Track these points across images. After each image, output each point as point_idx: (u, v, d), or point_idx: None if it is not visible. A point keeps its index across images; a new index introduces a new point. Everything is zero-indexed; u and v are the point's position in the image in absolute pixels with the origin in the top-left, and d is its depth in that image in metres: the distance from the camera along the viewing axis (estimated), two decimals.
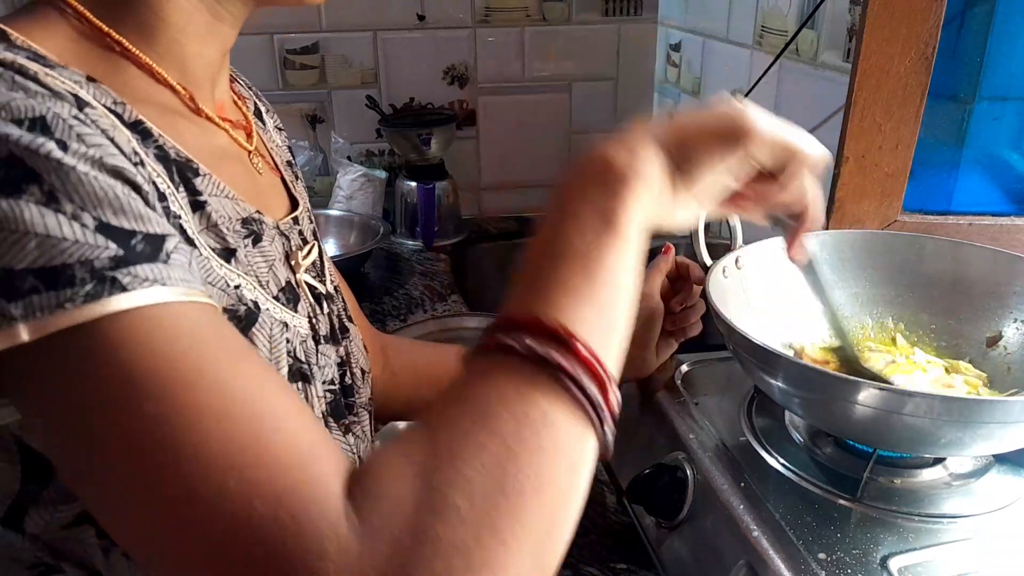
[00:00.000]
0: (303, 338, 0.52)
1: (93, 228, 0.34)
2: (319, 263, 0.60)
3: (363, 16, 1.58)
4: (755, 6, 1.24)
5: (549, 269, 0.41)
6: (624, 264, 0.42)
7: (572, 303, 0.39)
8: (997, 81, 0.98)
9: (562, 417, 0.36)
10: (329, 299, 0.60)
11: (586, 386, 0.37)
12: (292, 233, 0.57)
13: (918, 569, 0.52)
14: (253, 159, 0.57)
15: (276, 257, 0.52)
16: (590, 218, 0.42)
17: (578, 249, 0.41)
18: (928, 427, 0.54)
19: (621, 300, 0.42)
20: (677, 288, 0.79)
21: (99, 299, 0.33)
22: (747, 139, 0.45)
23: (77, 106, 0.38)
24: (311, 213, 0.65)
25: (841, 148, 0.97)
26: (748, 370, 0.65)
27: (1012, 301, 0.72)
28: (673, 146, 0.45)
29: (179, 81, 0.49)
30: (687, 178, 0.45)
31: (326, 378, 0.55)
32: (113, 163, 0.36)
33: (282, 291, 0.51)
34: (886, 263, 0.77)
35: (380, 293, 1.37)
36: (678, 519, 0.63)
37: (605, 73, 1.71)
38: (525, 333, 0.37)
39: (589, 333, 0.38)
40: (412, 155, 1.57)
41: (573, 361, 0.37)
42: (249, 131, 0.58)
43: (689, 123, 0.46)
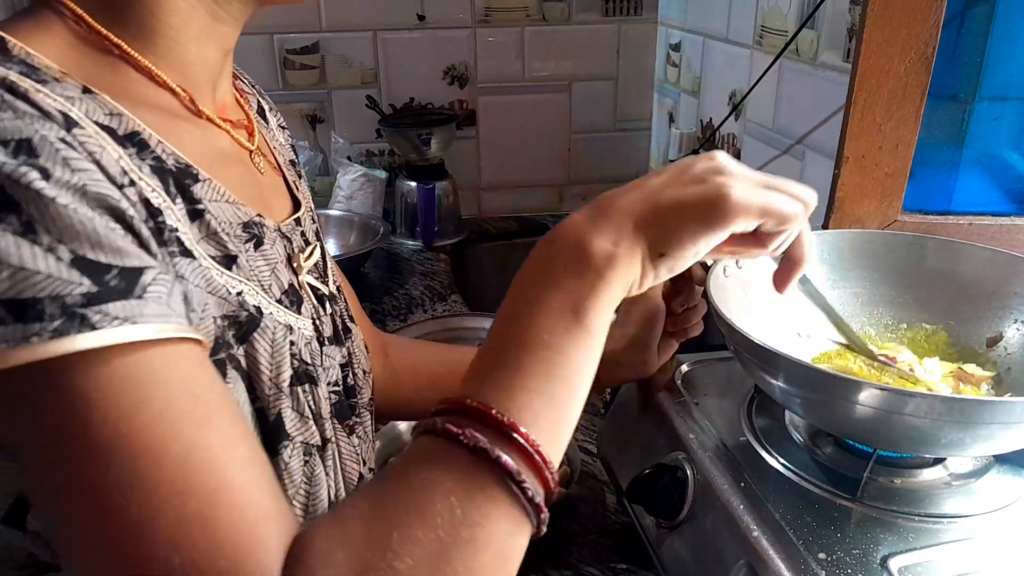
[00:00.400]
0: (307, 340, 0.52)
1: (68, 262, 0.34)
2: (321, 264, 0.60)
3: (363, 16, 1.58)
4: (755, 6, 1.24)
5: (511, 357, 0.41)
6: (587, 359, 0.42)
7: (528, 397, 0.40)
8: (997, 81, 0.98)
9: (499, 515, 0.37)
10: (332, 300, 0.59)
11: (527, 486, 0.38)
12: (294, 235, 0.56)
13: (918, 569, 0.52)
14: (255, 159, 0.56)
15: (278, 260, 0.52)
16: (561, 311, 0.42)
17: (544, 341, 0.41)
18: (928, 427, 0.54)
19: (578, 395, 0.42)
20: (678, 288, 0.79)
21: (66, 336, 0.33)
22: (729, 217, 0.44)
23: (66, 127, 0.37)
24: (314, 213, 0.64)
25: (841, 148, 0.97)
26: (749, 370, 0.65)
27: (1012, 301, 0.72)
28: (653, 229, 0.44)
29: (179, 83, 0.49)
30: (669, 263, 0.45)
31: (330, 379, 0.55)
32: (96, 191, 0.36)
33: (285, 294, 0.51)
34: (886, 263, 0.77)
35: (380, 293, 1.37)
36: (678, 519, 0.63)
37: (605, 73, 1.71)
38: (475, 423, 0.38)
39: (539, 428, 0.39)
40: (412, 155, 1.57)
41: (518, 458, 0.38)
42: (251, 130, 0.58)
43: (667, 201, 0.45)
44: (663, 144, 1.69)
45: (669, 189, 0.45)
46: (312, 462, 0.50)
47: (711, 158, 0.47)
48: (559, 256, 0.44)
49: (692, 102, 1.54)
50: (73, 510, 0.35)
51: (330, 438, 0.53)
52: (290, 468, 0.48)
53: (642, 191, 0.45)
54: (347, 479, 0.57)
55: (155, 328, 0.36)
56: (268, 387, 0.47)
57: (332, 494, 0.53)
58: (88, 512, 0.35)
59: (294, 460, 0.48)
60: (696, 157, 0.47)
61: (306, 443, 0.49)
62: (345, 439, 0.57)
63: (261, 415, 0.47)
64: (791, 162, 1.16)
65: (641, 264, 0.44)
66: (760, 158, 1.26)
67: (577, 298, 0.42)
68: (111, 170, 0.38)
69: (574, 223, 0.45)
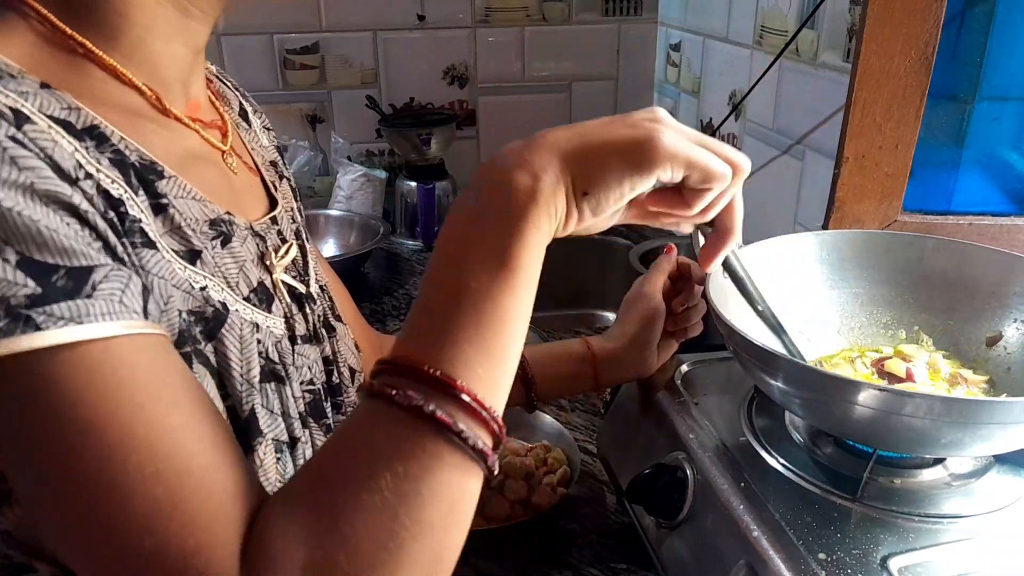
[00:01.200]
0: (277, 338, 0.52)
1: (14, 264, 0.34)
2: (301, 263, 0.60)
3: (363, 16, 1.58)
4: (755, 6, 1.24)
5: (440, 309, 0.41)
6: (517, 302, 0.42)
7: (459, 347, 0.40)
8: (997, 81, 0.98)
9: (442, 466, 0.38)
10: (310, 299, 0.59)
11: (467, 435, 0.38)
12: (269, 233, 0.56)
13: (918, 569, 0.52)
14: (227, 159, 0.56)
15: (247, 258, 0.52)
16: (486, 256, 0.42)
17: (471, 289, 0.41)
18: (928, 428, 0.54)
19: (513, 339, 0.42)
20: (678, 288, 0.79)
21: (10, 336, 0.34)
22: (655, 162, 0.44)
23: (16, 124, 0.37)
24: (296, 213, 0.64)
25: (841, 148, 0.97)
26: (748, 370, 0.65)
27: (1012, 301, 0.72)
28: (579, 168, 0.44)
29: (146, 82, 0.48)
30: (592, 203, 0.45)
31: (304, 378, 0.55)
32: (45, 188, 0.36)
33: (253, 292, 0.51)
34: (886, 263, 0.77)
35: (380, 293, 1.37)
36: (678, 519, 0.63)
37: (605, 73, 1.71)
38: (409, 380, 0.39)
39: (476, 377, 0.39)
40: (412, 155, 1.57)
41: (455, 409, 0.38)
42: (224, 131, 0.57)
43: (596, 139, 0.44)
44: None
45: (601, 130, 0.45)
46: (284, 459, 0.50)
47: (651, 111, 0.46)
48: (482, 195, 0.43)
49: (692, 102, 1.54)
50: (47, 502, 0.36)
51: (300, 437, 0.53)
52: (264, 465, 0.48)
53: (574, 130, 0.45)
54: None
55: (102, 327, 0.36)
56: (240, 383, 0.47)
57: None
58: (60, 503, 0.36)
59: (268, 457, 0.49)
60: (637, 110, 0.47)
61: (277, 440, 0.50)
62: (322, 437, 0.56)
63: (233, 412, 0.47)
64: (791, 162, 1.16)
65: (565, 201, 0.44)
66: (760, 158, 1.26)
67: (501, 239, 0.42)
68: (64, 164, 0.38)
69: (501, 156, 0.44)
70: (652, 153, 0.44)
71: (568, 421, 0.98)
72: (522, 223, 0.42)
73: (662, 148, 0.44)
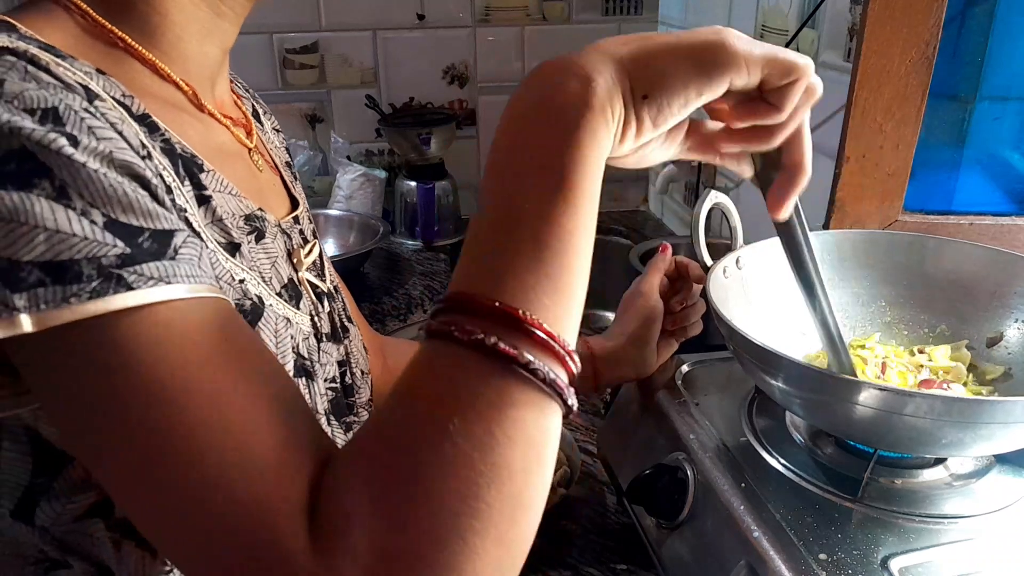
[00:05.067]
0: (305, 335, 0.53)
1: (102, 225, 0.35)
2: (319, 262, 0.60)
3: (363, 15, 1.58)
4: (755, 5, 1.24)
5: (494, 237, 0.37)
6: (579, 223, 0.38)
7: (520, 276, 0.36)
8: (998, 81, 0.98)
9: (514, 402, 0.35)
10: (330, 298, 0.60)
11: (539, 368, 0.35)
12: (293, 232, 0.57)
13: (919, 570, 0.52)
14: (254, 156, 0.57)
15: (278, 254, 0.52)
16: (539, 172, 0.38)
17: (527, 211, 0.37)
18: (929, 427, 0.53)
19: (579, 263, 0.38)
20: (677, 287, 0.78)
21: (104, 296, 0.34)
22: (728, 63, 0.40)
23: (87, 98, 0.38)
24: (310, 213, 0.65)
25: (842, 148, 0.97)
26: (749, 370, 0.65)
27: (1013, 301, 0.72)
28: (638, 71, 0.40)
29: (182, 78, 0.49)
30: (653, 111, 0.40)
31: (327, 376, 0.56)
32: (123, 158, 0.37)
33: (284, 288, 0.52)
34: (887, 263, 0.77)
35: (380, 293, 1.37)
36: (678, 520, 0.63)
37: None
38: (468, 315, 0.35)
39: (540, 306, 0.36)
40: (412, 155, 1.57)
41: (525, 344, 0.35)
42: (249, 129, 0.58)
43: (658, 44, 0.40)
44: None
45: (661, 37, 0.41)
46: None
47: (714, 28, 0.42)
48: (532, 105, 0.39)
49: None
50: (120, 463, 0.36)
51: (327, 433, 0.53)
52: None
53: (631, 37, 0.41)
54: None
55: (188, 288, 0.36)
56: None
57: None
58: (134, 461, 0.35)
59: None
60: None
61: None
62: (342, 436, 0.57)
63: None
64: None
65: (623, 106, 0.40)
66: None
67: (554, 153, 0.38)
68: (132, 142, 0.39)
69: (551, 66, 0.40)
70: (724, 55, 0.40)
71: (568, 421, 0.98)
72: (577, 132, 0.38)
73: (735, 49, 0.40)
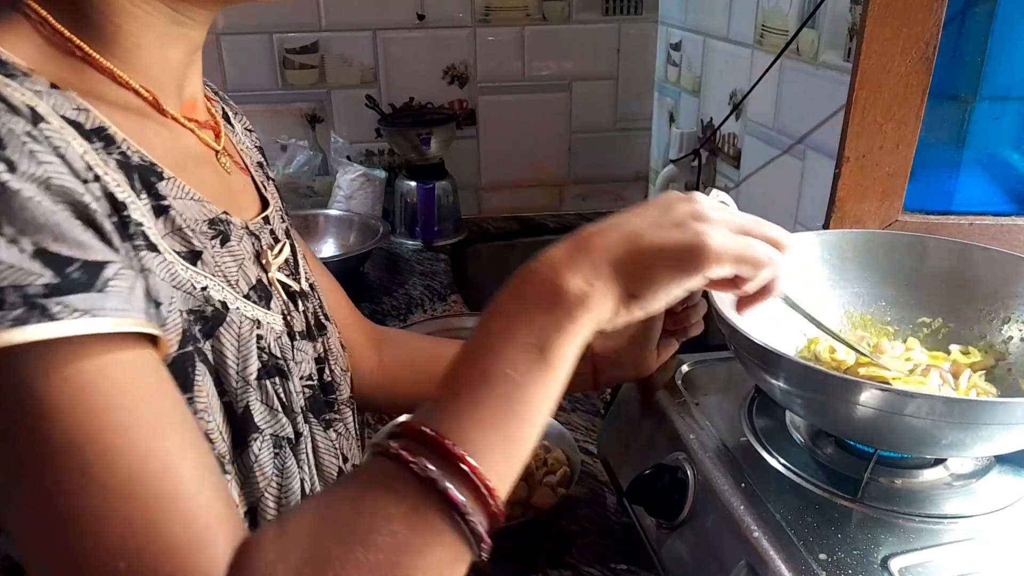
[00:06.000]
0: (278, 334, 0.53)
1: (31, 253, 0.34)
2: (292, 261, 0.61)
3: (363, 16, 1.58)
4: (755, 5, 1.24)
5: (472, 388, 0.42)
6: (547, 396, 0.43)
7: (483, 431, 0.40)
8: (998, 81, 0.98)
9: (442, 543, 0.38)
10: (304, 296, 0.60)
11: (472, 519, 0.38)
12: (263, 232, 0.57)
13: (919, 570, 0.52)
14: (221, 159, 0.57)
15: (245, 256, 0.53)
16: (527, 346, 0.42)
17: (506, 376, 0.42)
18: (929, 428, 0.53)
19: (534, 431, 0.43)
20: None
21: (26, 325, 0.34)
22: (705, 265, 0.45)
23: (32, 120, 0.38)
24: (284, 212, 0.66)
25: (841, 148, 0.97)
26: (749, 370, 0.65)
27: (1013, 302, 0.72)
28: (629, 272, 0.45)
29: (142, 84, 0.49)
30: (639, 307, 0.46)
31: (303, 373, 0.56)
32: (61, 183, 0.37)
33: (253, 289, 0.52)
34: (887, 263, 0.77)
35: (380, 293, 1.37)
36: (678, 520, 0.63)
37: (605, 72, 1.71)
38: (428, 451, 0.39)
39: (492, 463, 0.40)
40: (412, 155, 1.57)
41: (466, 491, 0.38)
42: (218, 131, 0.58)
43: (646, 244, 0.45)
44: (663, 144, 1.69)
45: (649, 233, 0.46)
46: (283, 454, 0.51)
47: (692, 201, 0.48)
48: (532, 290, 0.44)
49: (692, 102, 1.53)
50: (24, 505, 0.36)
51: (303, 432, 0.53)
52: (260, 460, 0.49)
53: (622, 232, 0.46)
54: (324, 472, 0.57)
55: (114, 322, 0.36)
56: (235, 380, 0.48)
57: (307, 487, 0.54)
58: (38, 510, 0.35)
59: (264, 452, 0.49)
60: (677, 197, 0.48)
61: (276, 435, 0.50)
62: (321, 433, 0.57)
63: (229, 408, 0.48)
64: (791, 162, 1.16)
65: (614, 304, 0.45)
66: (760, 158, 1.26)
67: (545, 334, 0.43)
68: (75, 165, 0.39)
69: (551, 258, 0.45)
70: (702, 257, 0.45)
71: (568, 421, 0.98)
72: (570, 324, 0.43)
73: (711, 251, 0.45)
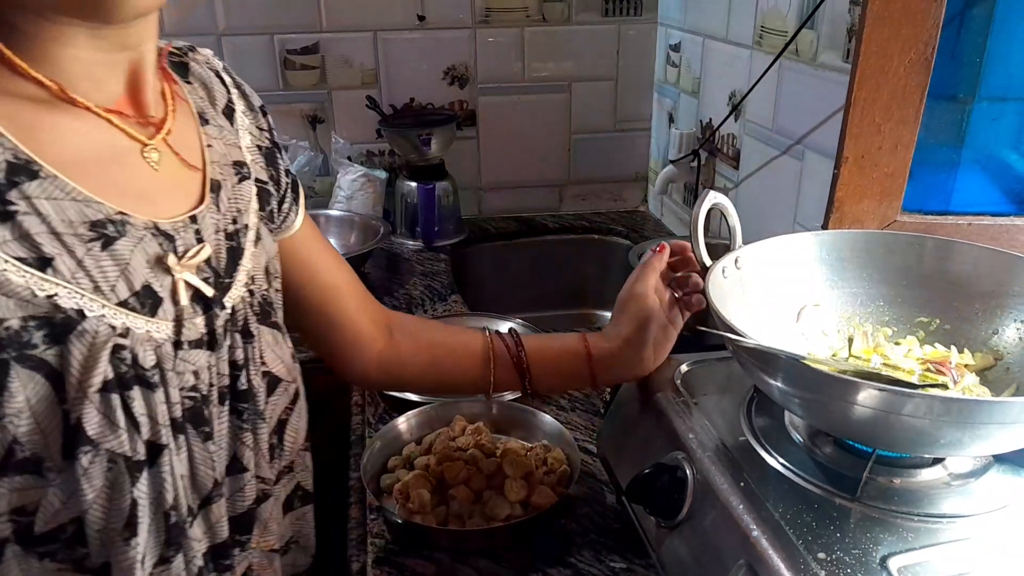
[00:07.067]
0: (158, 343, 0.52)
1: None
2: (223, 265, 0.59)
3: (363, 16, 1.59)
4: (755, 6, 1.24)
5: None
6: None
7: None
8: (996, 81, 0.99)
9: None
10: (216, 304, 0.57)
11: None
12: (182, 233, 0.55)
13: (917, 569, 0.52)
14: (150, 153, 0.55)
15: (135, 259, 0.51)
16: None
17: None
18: (927, 427, 0.54)
19: None
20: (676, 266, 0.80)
21: None
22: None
23: None
24: (247, 215, 0.63)
25: (841, 148, 0.97)
26: (748, 370, 0.65)
27: (1011, 301, 0.72)
28: None
29: (50, 76, 0.49)
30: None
31: (185, 384, 0.55)
32: None
33: (136, 295, 0.51)
34: (885, 263, 0.77)
35: (380, 293, 1.37)
36: (678, 519, 0.63)
37: (605, 73, 1.71)
38: None
39: None
40: (412, 155, 1.57)
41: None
42: (159, 126, 0.56)
43: None
44: (663, 144, 1.69)
45: None
46: (117, 471, 0.50)
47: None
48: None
49: (692, 102, 1.54)
50: None
51: (167, 444, 0.53)
52: (90, 473, 0.49)
53: None
54: (199, 484, 0.57)
55: None
56: (73, 390, 0.47)
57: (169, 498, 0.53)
58: None
59: (95, 467, 0.49)
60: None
61: (112, 451, 0.49)
62: (199, 444, 0.56)
63: (66, 416, 0.48)
64: (791, 162, 1.16)
65: None
66: (760, 158, 1.26)
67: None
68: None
69: None
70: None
71: (568, 421, 0.99)
72: None
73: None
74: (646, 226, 1.73)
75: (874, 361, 0.70)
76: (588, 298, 1.75)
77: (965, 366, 0.70)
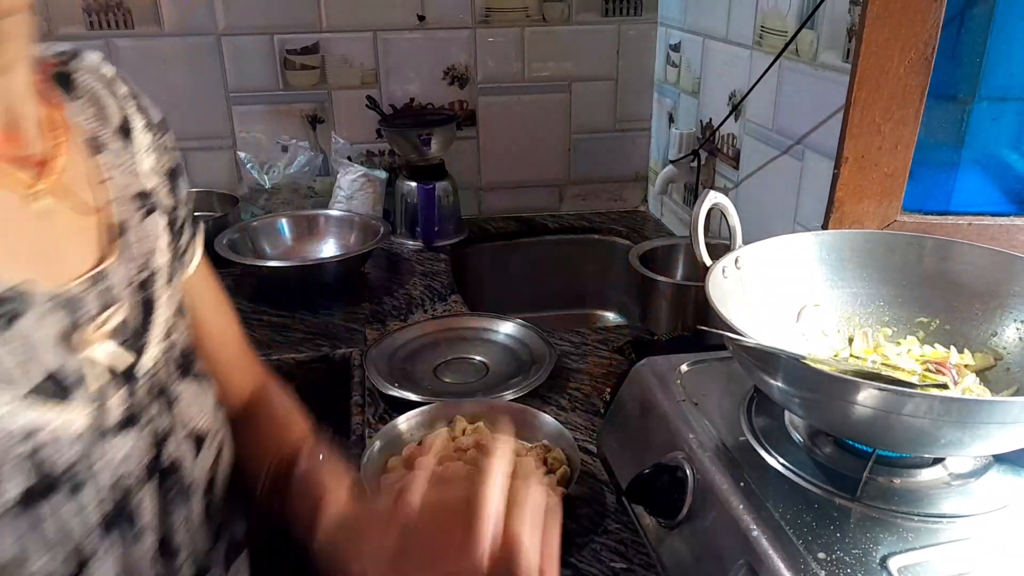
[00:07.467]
0: (71, 439, 0.45)
1: None
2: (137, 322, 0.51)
3: (363, 16, 1.58)
4: (755, 6, 1.24)
5: None
6: None
7: None
8: (996, 81, 0.99)
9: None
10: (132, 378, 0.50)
11: None
12: (86, 296, 0.47)
13: (917, 569, 0.53)
14: (37, 201, 0.46)
15: (41, 340, 0.44)
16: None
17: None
18: (927, 427, 0.54)
19: None
20: None
21: None
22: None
23: None
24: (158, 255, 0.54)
25: (841, 148, 0.97)
26: (748, 370, 0.65)
27: (1011, 301, 0.72)
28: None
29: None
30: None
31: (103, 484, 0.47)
32: None
33: (48, 380, 0.43)
34: (885, 263, 0.77)
35: (380, 293, 1.37)
36: (678, 519, 0.64)
37: (605, 73, 1.71)
38: None
39: None
40: (412, 155, 1.57)
41: None
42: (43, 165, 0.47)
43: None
44: (663, 144, 1.69)
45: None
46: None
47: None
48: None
49: (692, 102, 1.54)
50: None
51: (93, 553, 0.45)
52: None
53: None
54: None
55: None
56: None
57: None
58: None
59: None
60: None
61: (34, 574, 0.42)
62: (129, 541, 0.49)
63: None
64: (791, 162, 1.16)
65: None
66: (760, 158, 1.26)
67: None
68: None
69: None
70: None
71: (568, 420, 0.99)
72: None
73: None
74: (646, 226, 1.74)
75: (874, 361, 0.70)
76: (588, 298, 1.75)
77: (965, 366, 0.70)
